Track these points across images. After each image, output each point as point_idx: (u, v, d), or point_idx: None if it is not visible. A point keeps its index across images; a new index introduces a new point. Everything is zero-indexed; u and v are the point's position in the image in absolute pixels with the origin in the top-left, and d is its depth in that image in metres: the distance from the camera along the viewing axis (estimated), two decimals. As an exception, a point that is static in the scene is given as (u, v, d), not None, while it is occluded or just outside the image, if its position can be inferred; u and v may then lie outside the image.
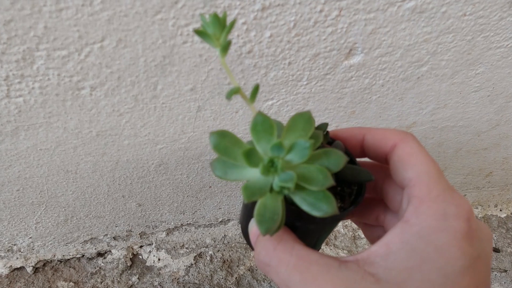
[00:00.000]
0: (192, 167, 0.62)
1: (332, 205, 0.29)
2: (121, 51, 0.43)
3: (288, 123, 0.31)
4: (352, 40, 0.47)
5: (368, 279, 0.28)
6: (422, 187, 0.30)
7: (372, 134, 0.36)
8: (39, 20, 0.38)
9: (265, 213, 0.29)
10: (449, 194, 0.29)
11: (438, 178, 0.31)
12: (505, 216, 0.92)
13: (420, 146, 0.33)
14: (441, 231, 0.28)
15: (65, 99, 0.46)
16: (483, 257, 0.29)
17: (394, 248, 0.29)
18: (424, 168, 0.31)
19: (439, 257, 0.28)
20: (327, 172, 0.29)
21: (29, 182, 0.58)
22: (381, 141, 0.35)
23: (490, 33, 0.50)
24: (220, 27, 0.31)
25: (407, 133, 0.35)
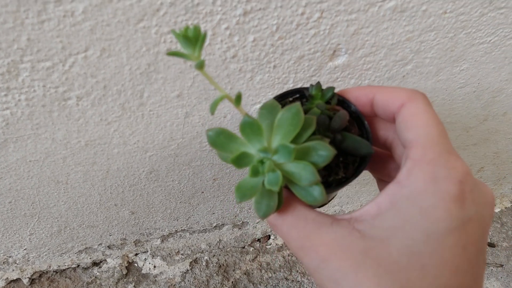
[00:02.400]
0: (183, 173, 0.63)
1: (322, 195, 0.31)
2: (106, 60, 0.43)
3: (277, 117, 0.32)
4: (336, 41, 0.48)
5: (354, 234, 0.30)
6: (418, 150, 0.31)
7: (381, 93, 0.36)
8: (22, 32, 0.38)
9: (262, 201, 0.32)
10: (444, 157, 0.30)
11: (437, 141, 0.31)
12: (499, 210, 0.92)
13: (426, 106, 0.33)
14: (429, 193, 0.29)
15: (51, 110, 0.47)
16: (475, 219, 0.29)
17: (383, 208, 0.31)
18: (424, 130, 0.32)
19: (423, 218, 0.29)
20: (313, 169, 0.31)
21: (20, 194, 0.58)
22: (390, 101, 0.35)
23: (472, 30, 0.51)
24: (192, 44, 0.32)
25: (416, 92, 0.35)
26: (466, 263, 0.29)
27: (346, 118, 0.37)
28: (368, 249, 0.29)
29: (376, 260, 0.29)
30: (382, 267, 0.28)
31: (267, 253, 0.80)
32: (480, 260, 0.30)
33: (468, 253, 0.29)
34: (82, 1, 0.37)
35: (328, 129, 0.37)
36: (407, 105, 0.34)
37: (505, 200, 0.94)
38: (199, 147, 0.58)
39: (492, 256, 0.83)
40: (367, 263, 0.29)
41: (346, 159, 0.38)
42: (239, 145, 0.33)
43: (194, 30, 0.31)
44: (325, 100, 0.38)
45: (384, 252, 0.29)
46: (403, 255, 0.28)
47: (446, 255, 0.28)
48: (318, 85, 0.39)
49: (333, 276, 0.30)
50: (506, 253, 0.84)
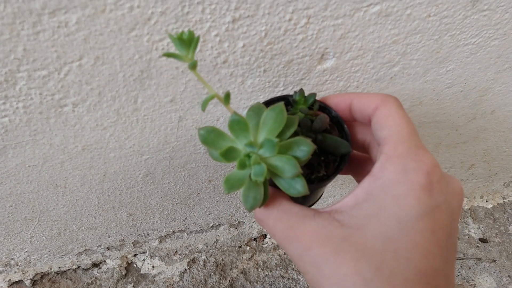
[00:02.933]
0: (178, 175, 0.64)
1: (304, 187, 0.34)
2: (100, 68, 0.44)
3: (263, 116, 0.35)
4: (323, 46, 0.49)
5: (334, 224, 0.33)
6: (390, 145, 0.34)
7: (358, 98, 0.40)
8: (18, 43, 0.39)
9: (249, 194, 0.35)
10: (413, 151, 0.33)
11: (407, 137, 0.34)
12: (491, 206, 0.93)
13: (397, 108, 0.37)
14: (400, 183, 0.32)
15: (48, 117, 0.48)
16: (444, 207, 0.32)
17: (360, 199, 0.34)
18: (395, 128, 0.35)
19: (395, 205, 0.31)
20: (295, 162, 0.34)
21: (20, 198, 0.60)
22: (366, 105, 0.39)
23: (456, 32, 0.52)
24: (186, 46, 0.35)
25: (388, 96, 0.38)
26: (436, 247, 0.31)
27: (326, 121, 0.40)
28: (347, 236, 0.32)
29: (353, 246, 0.31)
30: (359, 251, 0.31)
31: (264, 252, 0.81)
32: (450, 244, 0.32)
33: (437, 237, 0.31)
34: (75, 12, 0.38)
35: (310, 130, 0.40)
36: (380, 108, 0.37)
37: (497, 196, 0.95)
38: (194, 149, 0.60)
39: (484, 252, 0.85)
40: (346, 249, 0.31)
41: (327, 159, 0.41)
42: (228, 142, 0.36)
43: (189, 34, 0.34)
44: (308, 106, 0.41)
45: (361, 238, 0.31)
46: (378, 240, 0.31)
47: (417, 239, 0.30)
48: (301, 92, 0.42)
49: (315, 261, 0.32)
50: (498, 249, 0.85)
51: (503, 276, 0.81)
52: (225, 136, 0.36)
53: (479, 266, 0.82)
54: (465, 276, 0.81)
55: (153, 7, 0.39)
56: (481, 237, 0.88)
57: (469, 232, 0.88)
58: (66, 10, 0.38)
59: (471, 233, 0.88)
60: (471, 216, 0.91)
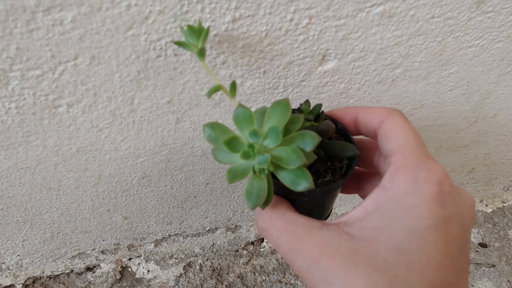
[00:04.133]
0: (175, 178, 0.63)
1: (309, 180, 0.33)
2: (95, 68, 0.43)
3: (268, 110, 0.35)
4: (325, 47, 0.48)
5: (343, 237, 0.32)
6: (399, 156, 0.33)
7: (363, 112, 0.40)
8: (11, 41, 0.38)
9: (252, 190, 0.34)
10: (423, 161, 0.32)
11: (415, 148, 0.34)
12: (491, 211, 0.93)
13: (403, 120, 0.36)
14: (411, 194, 0.31)
15: (42, 118, 0.47)
16: (456, 218, 0.31)
17: (370, 210, 0.32)
18: (403, 139, 0.35)
19: (407, 216, 0.30)
20: (299, 152, 0.33)
21: (12, 200, 0.58)
22: (371, 118, 0.39)
23: (460, 34, 0.51)
24: (196, 36, 0.36)
25: (393, 109, 0.38)
26: (449, 260, 0.30)
27: (332, 126, 0.40)
28: (357, 249, 0.31)
29: (365, 259, 0.30)
30: (371, 265, 0.30)
31: (261, 256, 0.80)
32: (463, 257, 0.32)
33: (450, 250, 0.30)
34: (70, 10, 0.37)
35: None
36: (386, 121, 0.37)
37: (497, 200, 0.94)
38: (191, 152, 0.58)
39: (484, 257, 0.84)
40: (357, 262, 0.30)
41: (334, 165, 0.40)
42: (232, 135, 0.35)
43: (199, 24, 0.35)
44: (314, 116, 0.42)
45: (372, 250, 0.30)
46: (390, 252, 0.30)
47: (430, 251, 0.30)
48: (307, 102, 0.42)
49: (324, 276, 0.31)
50: (498, 253, 0.84)
51: (503, 281, 0.80)
52: (229, 132, 0.36)
53: (479, 271, 0.82)
54: (465, 281, 0.80)
55: (151, 5, 0.38)
56: (480, 241, 0.87)
57: (468, 237, 0.88)
58: (61, 8, 0.36)
59: (471, 237, 0.88)
60: (471, 221, 0.91)
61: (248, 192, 0.34)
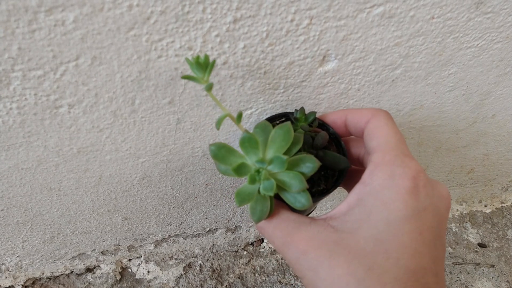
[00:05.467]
0: (175, 178, 0.63)
1: (309, 200, 0.37)
2: (97, 68, 0.43)
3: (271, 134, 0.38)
4: (325, 47, 0.48)
5: (328, 230, 0.35)
6: (379, 154, 0.37)
7: (352, 114, 0.44)
8: (13, 42, 0.38)
9: (256, 207, 0.38)
10: (400, 159, 0.36)
11: (394, 146, 0.37)
12: (490, 211, 0.93)
13: (387, 120, 0.40)
14: (388, 188, 0.34)
15: (43, 118, 0.47)
16: (430, 209, 0.34)
17: (352, 205, 0.36)
18: (384, 138, 0.38)
19: (384, 209, 0.34)
20: (302, 178, 0.36)
21: (12, 201, 0.58)
22: (359, 119, 0.42)
23: (460, 34, 0.52)
24: (203, 69, 0.38)
25: (379, 110, 0.42)
26: (424, 246, 0.33)
27: (326, 138, 0.43)
28: (340, 240, 0.34)
29: (346, 249, 0.33)
30: (351, 253, 0.33)
31: (261, 256, 0.80)
32: (438, 244, 0.35)
33: (425, 237, 0.33)
34: (72, 10, 0.37)
35: (312, 146, 0.43)
36: (371, 121, 0.41)
37: (496, 201, 0.95)
38: (191, 152, 0.59)
39: (483, 257, 0.84)
40: (339, 252, 0.33)
41: (327, 173, 0.44)
42: (237, 157, 0.39)
43: (205, 58, 0.38)
44: (308, 123, 0.45)
45: (353, 241, 0.34)
46: (369, 242, 0.33)
47: (405, 240, 0.33)
48: (302, 110, 0.45)
49: (311, 265, 0.34)
50: (497, 254, 0.85)
51: (502, 281, 0.80)
52: (235, 152, 0.39)
53: (478, 271, 0.82)
54: (464, 281, 0.80)
55: (152, 5, 0.38)
56: (479, 242, 0.87)
57: (467, 237, 0.88)
58: (63, 8, 0.37)
59: (469, 238, 0.88)
60: (470, 221, 0.91)
61: (253, 208, 0.38)
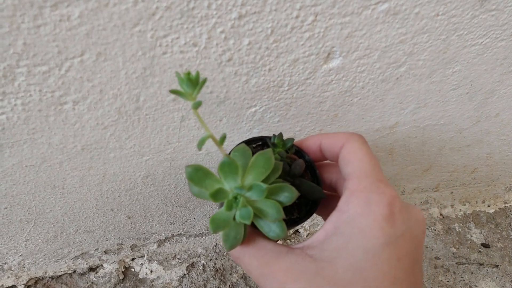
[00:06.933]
0: (179, 177, 0.63)
1: (284, 231, 0.37)
2: (102, 65, 0.43)
3: (252, 159, 0.37)
4: (330, 44, 0.48)
5: (307, 259, 0.35)
6: (354, 181, 0.37)
7: (326, 139, 0.43)
8: (18, 37, 0.38)
9: (230, 234, 0.37)
10: (375, 185, 0.35)
11: (369, 172, 0.37)
12: (493, 211, 0.93)
13: (361, 145, 0.39)
14: (364, 216, 0.34)
15: (48, 115, 0.47)
16: (407, 235, 0.34)
17: (329, 233, 0.35)
18: (358, 164, 0.38)
19: (361, 237, 0.33)
20: (279, 208, 0.36)
21: (16, 199, 0.58)
22: (333, 144, 0.42)
23: (464, 32, 0.51)
24: (193, 86, 0.37)
25: (353, 134, 0.41)
26: (402, 273, 0.33)
27: (303, 166, 0.43)
28: (319, 270, 0.33)
29: (326, 279, 0.33)
30: (331, 284, 0.33)
31: (264, 256, 0.80)
32: (416, 270, 0.35)
33: (403, 264, 0.33)
34: (78, 5, 0.37)
35: (289, 174, 0.42)
36: (345, 146, 0.40)
37: (499, 201, 0.94)
38: (195, 150, 0.58)
39: (487, 257, 0.84)
40: (319, 282, 0.33)
41: (300, 202, 0.44)
42: (214, 181, 0.38)
43: (196, 74, 0.37)
44: (285, 149, 0.44)
45: (332, 271, 0.33)
46: (348, 271, 0.33)
47: (384, 267, 0.32)
48: (280, 135, 0.45)
49: None
50: (500, 254, 0.84)
51: (506, 281, 0.80)
52: (212, 175, 0.38)
53: (482, 271, 0.81)
54: (468, 282, 0.80)
55: (158, 1, 0.38)
56: (483, 242, 0.87)
57: (471, 237, 0.88)
58: (68, 3, 0.37)
59: (473, 238, 0.88)
60: (473, 221, 0.91)
61: (226, 235, 0.37)
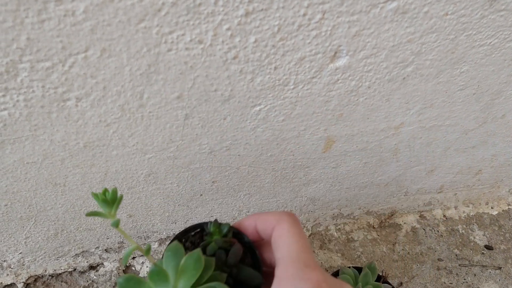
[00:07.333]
0: (181, 175, 0.62)
1: None
2: (106, 61, 0.42)
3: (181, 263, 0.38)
4: (337, 43, 0.48)
5: None
6: (281, 268, 0.37)
7: (260, 221, 0.43)
8: (22, 32, 0.38)
9: None
10: (302, 271, 0.36)
11: (296, 257, 0.37)
12: (496, 213, 0.92)
13: (290, 227, 0.39)
14: None
15: (50, 111, 0.46)
16: None
17: None
18: (286, 249, 0.38)
19: None
20: None
21: (17, 196, 0.57)
22: (266, 226, 0.42)
23: (473, 32, 0.51)
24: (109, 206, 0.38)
25: (283, 215, 0.41)
26: None
27: (239, 254, 0.42)
28: None
29: None
30: None
31: (266, 256, 0.79)
32: None
33: None
34: (83, 0, 0.36)
35: (225, 264, 0.42)
36: (275, 228, 0.40)
37: (503, 203, 0.94)
38: (198, 149, 0.58)
39: (490, 259, 0.83)
40: None
41: None
42: None
43: (112, 193, 0.38)
44: (222, 235, 0.44)
45: None
46: None
47: None
48: (216, 223, 0.45)
49: None
50: (503, 256, 0.84)
51: (509, 283, 0.79)
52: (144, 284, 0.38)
53: (485, 273, 0.81)
54: (471, 283, 0.79)
55: (164, -3, 0.38)
56: (486, 244, 0.87)
57: (474, 239, 0.87)
58: (73, -2, 0.36)
59: (476, 240, 0.87)
60: (477, 223, 0.90)
61: None
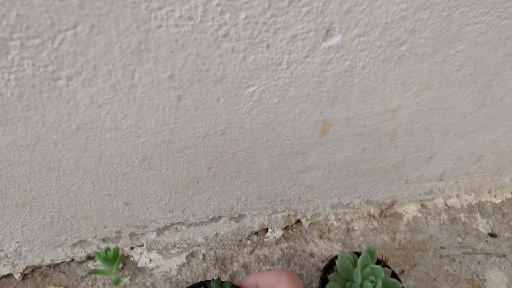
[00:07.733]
0: (177, 161, 0.62)
1: None
2: (95, 38, 0.42)
3: None
4: (329, 20, 0.47)
5: None
6: None
7: (261, 279, 0.45)
8: (12, 8, 0.38)
9: None
10: None
11: None
12: (500, 201, 0.91)
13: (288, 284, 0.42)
14: None
15: (41, 91, 0.46)
16: None
17: None
18: None
19: None
20: None
21: (11, 181, 0.57)
22: (267, 284, 0.44)
23: (466, 8, 0.50)
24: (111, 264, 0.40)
25: (282, 273, 0.44)
26: None
27: None
28: None
29: None
30: None
31: (265, 246, 0.79)
32: None
33: None
34: (69, -27, 0.36)
35: None
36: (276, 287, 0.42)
37: (506, 191, 0.93)
38: (193, 133, 0.57)
39: (494, 247, 0.82)
40: None
41: None
42: None
43: (113, 251, 0.40)
44: None
45: None
46: None
47: None
48: (218, 281, 0.47)
49: None
50: (508, 243, 0.83)
51: (514, 271, 0.78)
52: None
53: (489, 261, 0.80)
54: (475, 271, 0.78)
55: (151, -31, 0.38)
56: (490, 232, 0.85)
57: (477, 227, 0.86)
58: (59, -30, 0.36)
59: (479, 227, 0.86)
60: (479, 211, 0.89)
61: None
